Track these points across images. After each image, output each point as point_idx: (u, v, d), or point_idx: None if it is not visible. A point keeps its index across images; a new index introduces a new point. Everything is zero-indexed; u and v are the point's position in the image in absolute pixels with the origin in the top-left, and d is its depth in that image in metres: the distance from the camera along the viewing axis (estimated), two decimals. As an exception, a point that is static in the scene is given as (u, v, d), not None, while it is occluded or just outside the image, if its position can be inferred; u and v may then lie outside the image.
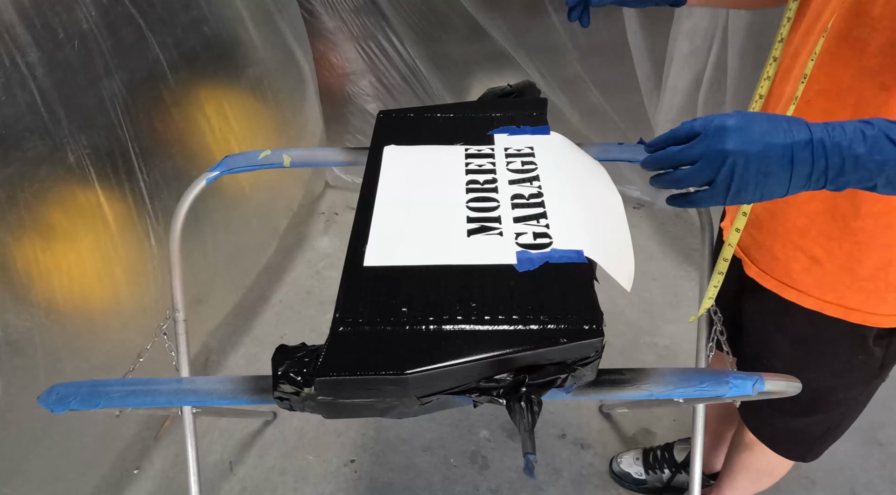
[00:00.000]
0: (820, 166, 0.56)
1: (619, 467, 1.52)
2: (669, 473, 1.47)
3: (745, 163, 0.57)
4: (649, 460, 1.50)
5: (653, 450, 1.52)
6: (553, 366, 0.61)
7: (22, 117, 1.08)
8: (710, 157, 0.58)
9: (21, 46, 1.07)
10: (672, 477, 1.47)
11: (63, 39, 1.15)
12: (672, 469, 1.48)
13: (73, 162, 1.19)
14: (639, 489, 1.50)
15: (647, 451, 1.52)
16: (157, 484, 1.54)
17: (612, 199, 0.83)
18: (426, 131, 0.96)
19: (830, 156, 0.56)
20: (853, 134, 0.55)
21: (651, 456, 1.51)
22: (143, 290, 1.44)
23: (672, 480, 1.47)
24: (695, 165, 0.60)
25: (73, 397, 0.66)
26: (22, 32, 1.07)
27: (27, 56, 1.08)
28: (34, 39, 1.09)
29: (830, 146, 0.56)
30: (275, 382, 0.61)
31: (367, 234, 0.74)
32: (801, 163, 0.56)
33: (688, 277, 2.07)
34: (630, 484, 1.50)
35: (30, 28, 1.08)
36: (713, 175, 0.58)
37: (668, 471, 1.48)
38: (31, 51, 1.08)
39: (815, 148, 0.56)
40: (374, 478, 1.55)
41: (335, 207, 2.47)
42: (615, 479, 1.52)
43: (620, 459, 1.53)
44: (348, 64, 2.20)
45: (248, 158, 1.04)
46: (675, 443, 1.52)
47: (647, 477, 1.49)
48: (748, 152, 0.56)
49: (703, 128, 0.59)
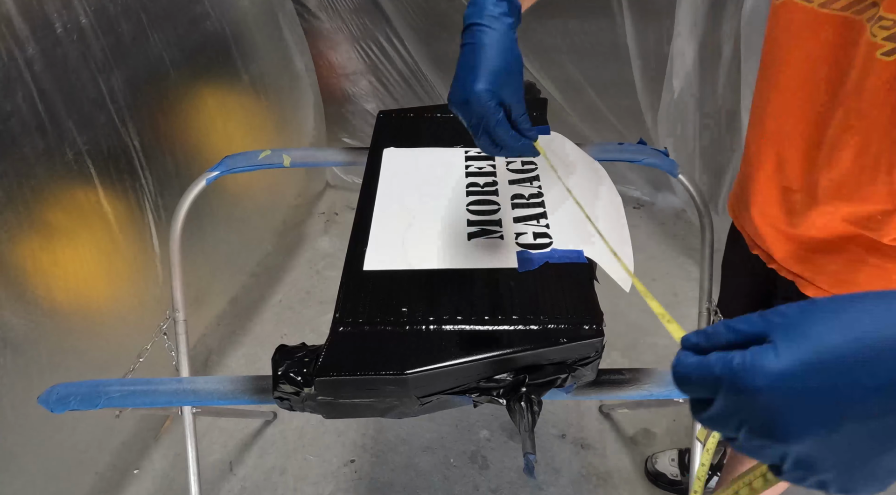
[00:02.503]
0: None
1: (654, 467, 1.51)
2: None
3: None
4: (685, 462, 1.50)
5: (689, 451, 1.51)
6: (553, 365, 0.61)
7: (20, 113, 1.07)
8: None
9: (20, 40, 1.06)
10: (708, 479, 1.47)
11: (62, 35, 1.14)
12: (707, 471, 1.47)
13: (72, 159, 1.19)
14: (672, 489, 1.49)
15: (683, 452, 1.52)
16: (157, 484, 1.54)
17: (612, 199, 0.83)
18: (426, 131, 0.96)
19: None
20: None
21: (687, 457, 1.50)
22: (142, 289, 1.44)
23: (708, 482, 1.47)
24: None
25: (74, 397, 0.67)
26: (21, 26, 1.06)
27: (26, 50, 1.07)
28: (32, 33, 1.08)
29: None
30: (275, 382, 0.61)
31: (366, 237, 0.74)
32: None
33: (688, 277, 2.07)
34: (665, 485, 1.50)
35: (28, 22, 1.07)
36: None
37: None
38: (30, 45, 1.07)
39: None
40: (374, 478, 1.55)
41: (335, 207, 2.47)
42: (650, 479, 1.51)
43: (656, 460, 1.52)
44: (349, 63, 2.20)
45: (248, 158, 1.04)
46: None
47: (682, 479, 1.49)
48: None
49: (783, 337, 0.33)
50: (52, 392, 0.67)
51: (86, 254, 1.26)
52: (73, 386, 0.67)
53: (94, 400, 0.67)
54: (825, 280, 0.83)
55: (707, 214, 1.00)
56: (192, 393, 0.68)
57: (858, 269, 0.79)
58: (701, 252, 1.01)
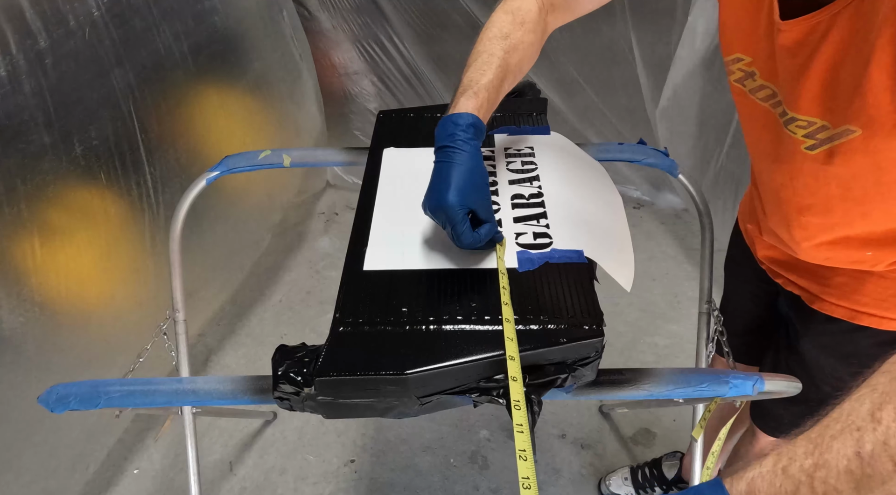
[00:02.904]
0: None
1: (608, 489, 1.49)
2: (661, 490, 1.46)
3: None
4: (638, 479, 1.48)
5: (640, 468, 1.49)
6: (553, 365, 0.61)
7: (28, 108, 1.06)
8: None
9: (32, 33, 1.05)
10: (664, 494, 1.46)
11: (74, 27, 1.13)
12: (663, 486, 1.45)
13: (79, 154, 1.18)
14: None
15: (635, 470, 1.49)
16: (157, 484, 1.54)
17: (612, 199, 0.83)
18: (426, 131, 0.95)
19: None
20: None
21: (640, 474, 1.48)
22: (141, 289, 1.44)
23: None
24: None
25: (73, 397, 0.66)
26: (33, 20, 1.05)
27: (37, 44, 1.06)
28: (45, 26, 1.07)
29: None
30: (275, 382, 0.61)
31: (366, 237, 0.74)
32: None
33: (688, 277, 2.07)
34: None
35: (40, 15, 1.06)
36: None
37: (658, 489, 1.46)
38: (42, 38, 1.06)
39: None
40: (374, 478, 1.55)
41: (335, 207, 2.47)
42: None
43: (609, 481, 1.50)
44: (350, 63, 2.20)
45: (248, 158, 1.04)
46: (662, 459, 1.49)
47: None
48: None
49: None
50: (52, 392, 0.67)
51: (85, 252, 1.26)
52: (72, 386, 0.67)
53: (93, 400, 0.67)
54: (832, 293, 0.83)
55: (707, 214, 1.00)
56: (191, 393, 0.68)
57: (865, 280, 0.79)
58: (701, 252, 1.01)
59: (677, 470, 1.45)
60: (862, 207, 0.68)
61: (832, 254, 0.77)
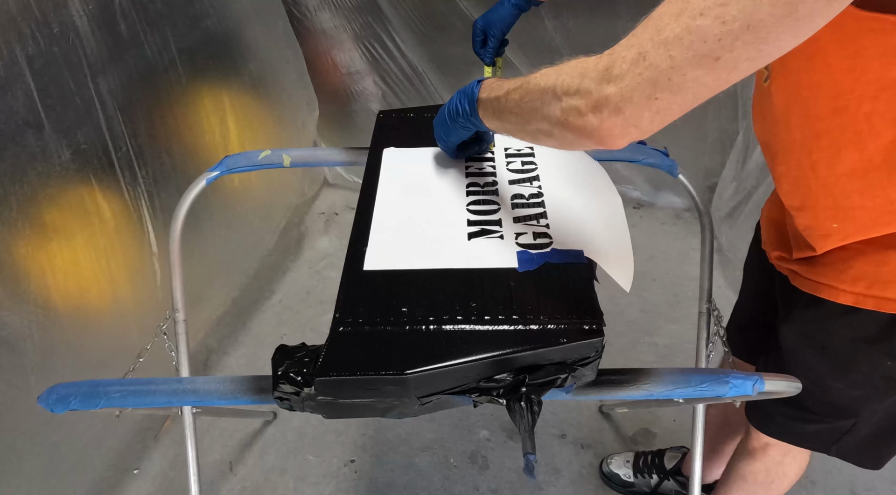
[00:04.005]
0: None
1: (608, 468, 1.52)
2: (658, 478, 1.48)
3: None
4: (639, 464, 1.50)
5: (644, 455, 1.52)
6: (553, 365, 0.61)
7: (18, 111, 1.07)
8: None
9: (21, 39, 1.05)
10: (660, 482, 1.47)
11: (58, 33, 1.13)
12: (660, 475, 1.48)
13: (69, 158, 1.18)
14: (626, 491, 1.49)
15: (639, 455, 1.52)
16: (157, 484, 1.54)
17: (612, 199, 0.83)
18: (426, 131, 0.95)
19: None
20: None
21: (641, 460, 1.51)
22: (141, 289, 1.44)
23: (659, 486, 1.47)
24: None
25: (74, 397, 0.66)
26: (21, 25, 1.05)
27: (27, 49, 1.07)
28: (32, 33, 1.08)
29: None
30: (275, 382, 0.61)
31: (366, 237, 0.74)
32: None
33: (688, 277, 2.07)
34: (618, 486, 1.50)
35: (28, 20, 1.07)
36: None
37: (656, 477, 1.48)
38: (30, 43, 1.07)
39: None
40: (374, 478, 1.55)
41: (335, 207, 2.47)
42: (604, 480, 1.52)
43: (611, 460, 1.53)
44: (351, 63, 2.20)
45: (247, 158, 1.04)
46: (666, 450, 1.51)
47: (635, 481, 1.49)
48: None
49: None
50: (52, 392, 0.67)
51: (83, 253, 1.26)
52: (72, 386, 0.67)
53: (93, 400, 0.67)
54: (848, 283, 0.81)
55: (707, 214, 1.00)
56: (191, 393, 0.68)
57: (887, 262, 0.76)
58: (701, 252, 1.01)
59: (677, 461, 1.46)
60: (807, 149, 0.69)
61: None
